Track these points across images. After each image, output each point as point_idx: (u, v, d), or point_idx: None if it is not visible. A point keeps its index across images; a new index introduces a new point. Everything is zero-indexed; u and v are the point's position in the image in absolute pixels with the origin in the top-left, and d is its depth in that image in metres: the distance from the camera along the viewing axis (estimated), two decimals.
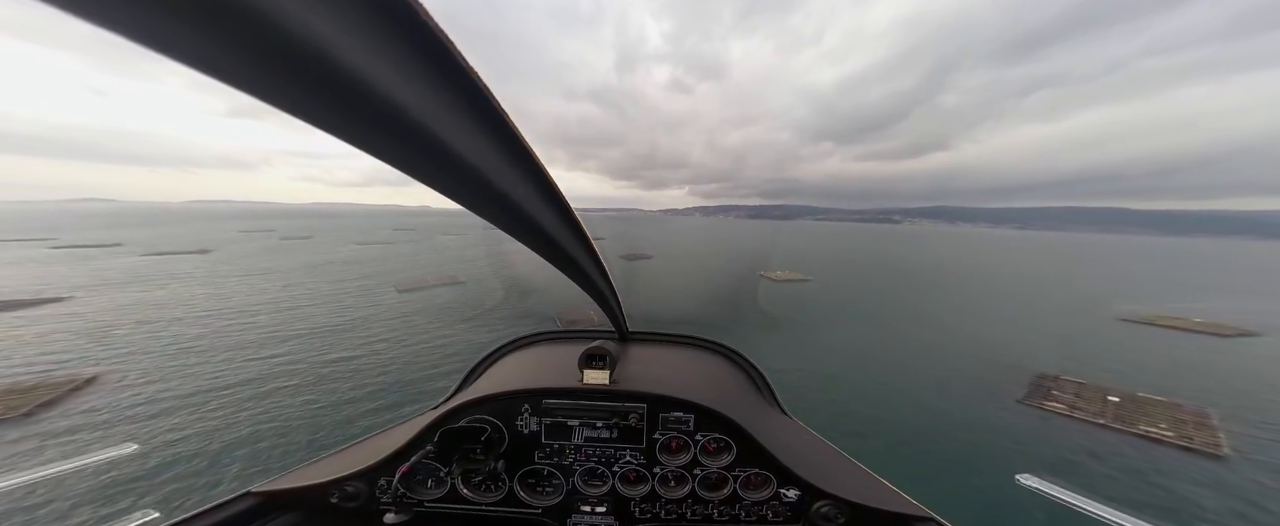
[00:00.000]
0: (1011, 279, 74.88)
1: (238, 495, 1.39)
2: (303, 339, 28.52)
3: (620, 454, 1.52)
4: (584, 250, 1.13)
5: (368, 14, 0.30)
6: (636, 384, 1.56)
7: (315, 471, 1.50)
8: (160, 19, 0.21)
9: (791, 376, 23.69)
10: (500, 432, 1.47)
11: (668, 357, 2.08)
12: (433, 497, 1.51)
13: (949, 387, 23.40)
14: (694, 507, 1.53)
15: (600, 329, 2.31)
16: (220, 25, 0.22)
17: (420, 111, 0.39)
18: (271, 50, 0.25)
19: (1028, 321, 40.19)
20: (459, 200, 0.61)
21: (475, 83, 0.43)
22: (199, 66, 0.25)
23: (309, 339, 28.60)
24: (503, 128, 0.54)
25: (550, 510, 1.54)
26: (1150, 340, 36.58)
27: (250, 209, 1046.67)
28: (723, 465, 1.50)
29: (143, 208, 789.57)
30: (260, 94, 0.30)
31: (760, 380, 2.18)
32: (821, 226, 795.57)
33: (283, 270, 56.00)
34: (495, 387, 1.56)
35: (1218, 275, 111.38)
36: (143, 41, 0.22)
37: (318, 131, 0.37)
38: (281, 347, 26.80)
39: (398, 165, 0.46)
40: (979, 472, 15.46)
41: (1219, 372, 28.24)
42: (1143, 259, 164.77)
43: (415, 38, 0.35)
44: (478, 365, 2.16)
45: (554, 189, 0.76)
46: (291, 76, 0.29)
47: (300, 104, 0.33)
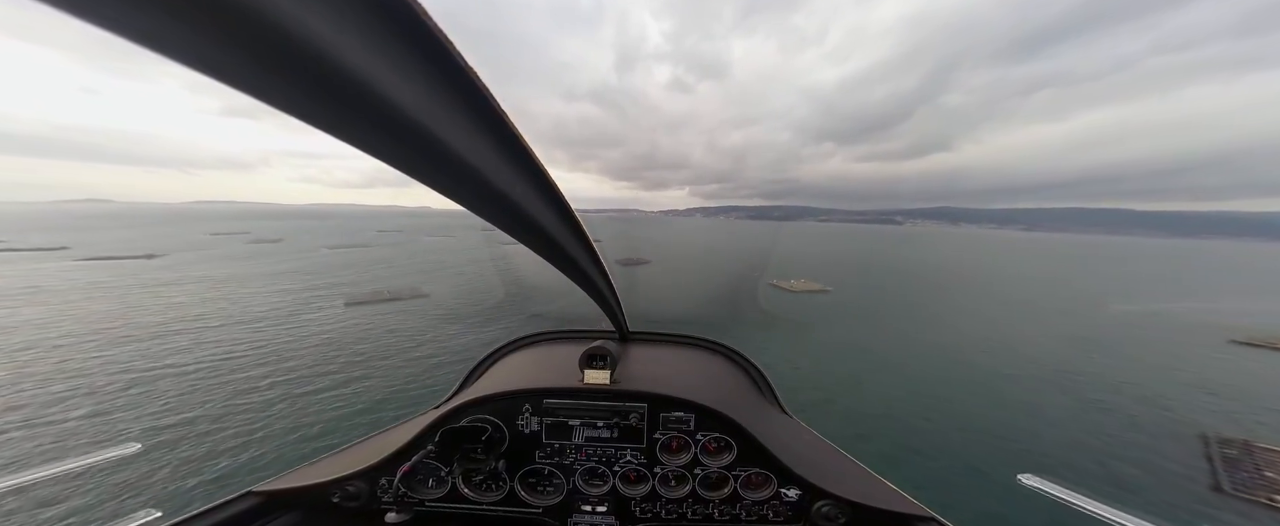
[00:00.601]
0: (1053, 285, 65.73)
1: (239, 494, 1.40)
2: (146, 387, 19.09)
3: (621, 453, 1.53)
4: (584, 250, 1.13)
5: (366, 13, 0.30)
6: (637, 383, 1.56)
7: (317, 471, 1.52)
8: (158, 19, 0.21)
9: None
10: (501, 432, 1.48)
11: (668, 357, 2.09)
12: (434, 497, 1.52)
13: (1123, 477, 14.83)
14: (695, 507, 1.54)
15: (601, 329, 2.30)
16: (218, 25, 0.22)
17: (418, 111, 0.38)
18: (270, 50, 0.25)
19: (1118, 348, 30.85)
20: (458, 200, 0.61)
21: (474, 82, 0.43)
22: (197, 66, 0.25)
23: (161, 382, 19.58)
24: (501, 127, 0.53)
25: (551, 509, 1.55)
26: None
27: (246, 210, 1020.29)
28: (723, 464, 1.51)
29: (141, 209, 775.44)
30: (258, 94, 0.30)
31: (761, 379, 2.18)
32: (823, 227, 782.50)
33: (222, 278, 48.11)
34: (496, 387, 1.57)
35: (1266, 279, 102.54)
36: (140, 42, 0.22)
37: (315, 132, 0.36)
38: (109, 399, 17.66)
39: (396, 165, 0.46)
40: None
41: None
42: (1173, 262, 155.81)
43: (413, 37, 0.35)
44: (478, 365, 2.16)
45: (553, 189, 0.76)
46: (290, 76, 0.28)
47: (299, 104, 0.32)
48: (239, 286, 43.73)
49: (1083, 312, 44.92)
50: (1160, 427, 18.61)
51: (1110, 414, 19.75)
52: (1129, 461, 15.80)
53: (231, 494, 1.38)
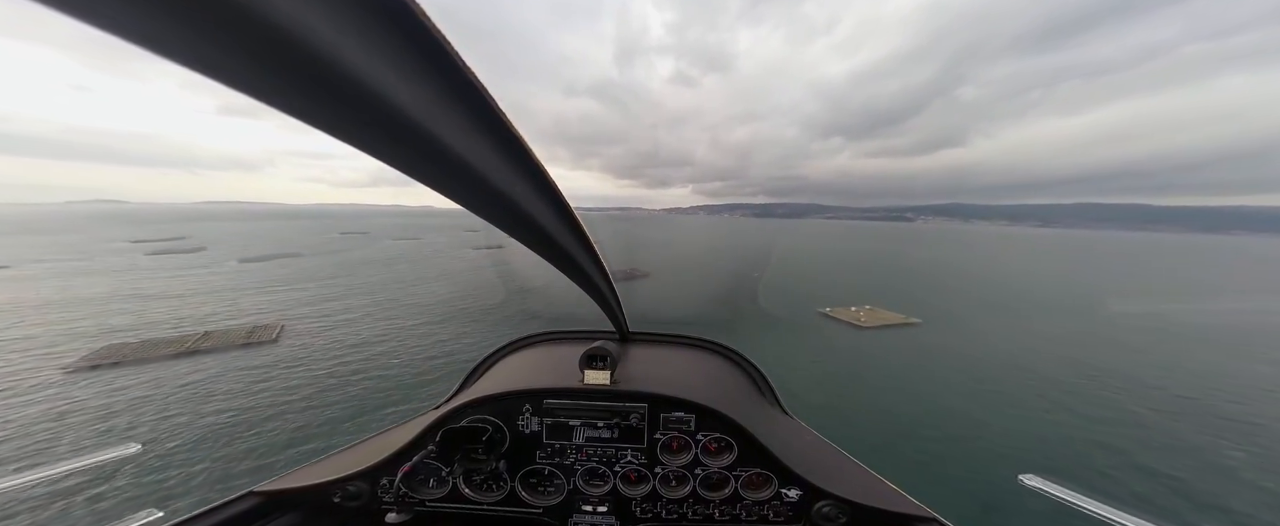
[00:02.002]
0: (1154, 292, 51.04)
1: (240, 495, 1.42)
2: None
3: (621, 454, 1.54)
4: (584, 250, 1.14)
5: (364, 12, 0.30)
6: (637, 384, 1.57)
7: (317, 471, 1.53)
8: (156, 19, 0.21)
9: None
10: (502, 432, 1.50)
11: (669, 358, 2.09)
12: (434, 497, 1.53)
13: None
14: (695, 507, 1.56)
15: (601, 329, 2.30)
16: (216, 26, 0.22)
17: (416, 110, 0.38)
18: (268, 51, 0.25)
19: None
20: (456, 199, 0.60)
21: (472, 82, 0.43)
22: (195, 66, 0.25)
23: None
24: (500, 126, 0.53)
25: (551, 510, 1.57)
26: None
27: (244, 210, 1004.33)
28: (724, 465, 1.52)
29: (149, 210, 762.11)
30: (257, 94, 0.30)
31: (761, 380, 2.18)
32: (834, 225, 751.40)
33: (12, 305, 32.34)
34: (496, 387, 1.58)
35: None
36: (140, 42, 0.22)
37: (317, 132, 0.36)
38: None
39: (395, 164, 0.46)
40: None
41: None
42: (1212, 257, 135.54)
43: (411, 37, 0.35)
44: (479, 365, 2.16)
45: (553, 188, 0.76)
46: (289, 77, 0.28)
47: (297, 103, 0.32)
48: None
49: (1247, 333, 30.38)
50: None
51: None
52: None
53: (232, 494, 1.40)
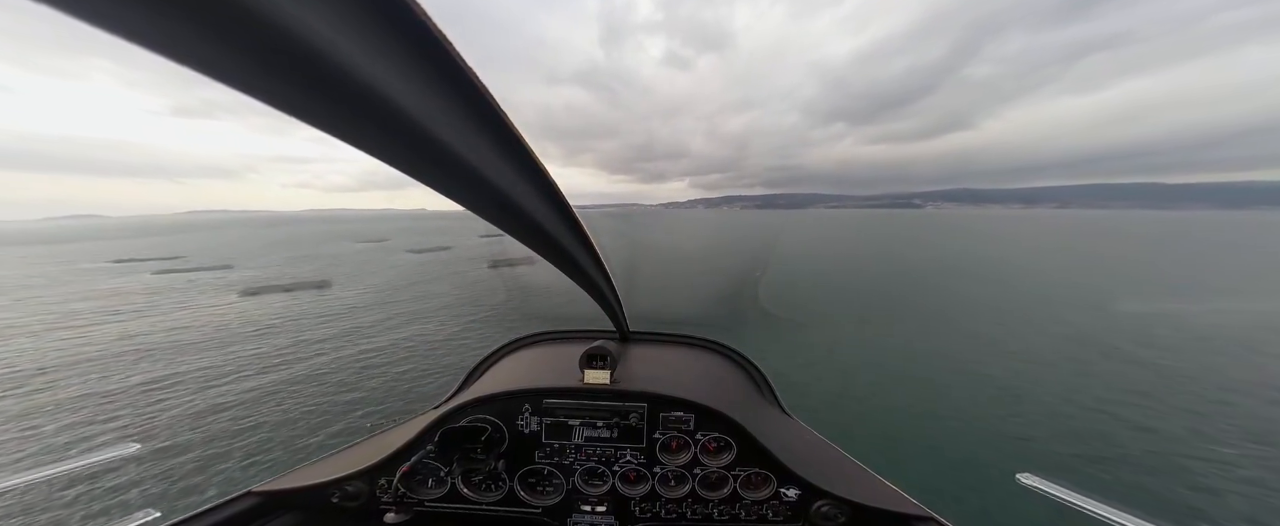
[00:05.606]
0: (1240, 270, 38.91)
1: (239, 494, 1.44)
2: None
3: (620, 453, 1.56)
4: (583, 248, 1.15)
5: (361, 10, 0.30)
6: (637, 383, 1.59)
7: (316, 471, 1.55)
8: (154, 18, 0.21)
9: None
10: (501, 432, 1.51)
11: (668, 357, 2.11)
12: (433, 497, 1.55)
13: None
14: (694, 507, 1.57)
15: (601, 329, 2.32)
16: (214, 24, 0.22)
17: (415, 108, 0.38)
18: (266, 49, 0.25)
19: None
20: (455, 198, 0.61)
21: (472, 80, 0.43)
22: (194, 66, 0.25)
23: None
24: (500, 125, 0.53)
25: (550, 509, 1.59)
26: None
27: (229, 218, 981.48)
28: (723, 464, 1.54)
29: (134, 222, 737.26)
30: (256, 94, 0.30)
31: (761, 379, 2.21)
32: (838, 214, 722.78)
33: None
34: (496, 387, 1.60)
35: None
36: (134, 40, 0.22)
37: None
38: None
39: (394, 163, 0.46)
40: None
41: None
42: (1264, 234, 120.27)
43: (410, 35, 0.35)
44: (478, 365, 2.17)
45: (552, 186, 0.77)
46: (287, 75, 0.28)
47: (296, 103, 0.33)
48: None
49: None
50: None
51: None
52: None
53: (231, 494, 1.42)
